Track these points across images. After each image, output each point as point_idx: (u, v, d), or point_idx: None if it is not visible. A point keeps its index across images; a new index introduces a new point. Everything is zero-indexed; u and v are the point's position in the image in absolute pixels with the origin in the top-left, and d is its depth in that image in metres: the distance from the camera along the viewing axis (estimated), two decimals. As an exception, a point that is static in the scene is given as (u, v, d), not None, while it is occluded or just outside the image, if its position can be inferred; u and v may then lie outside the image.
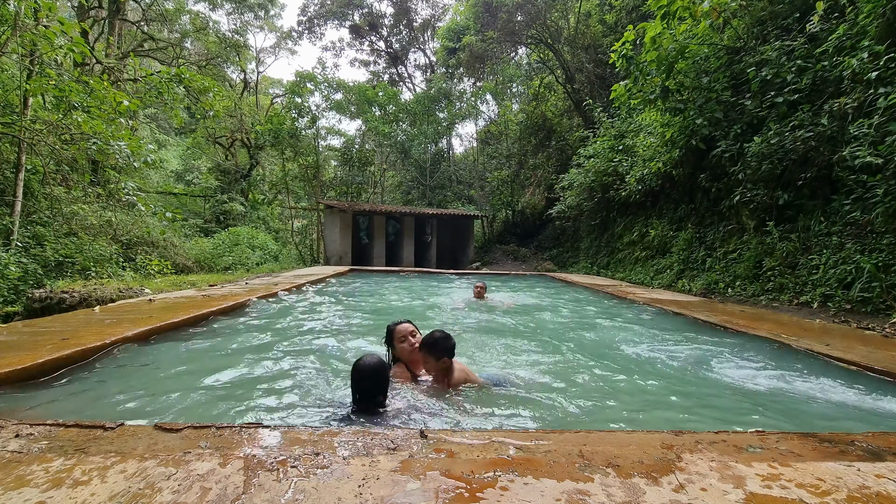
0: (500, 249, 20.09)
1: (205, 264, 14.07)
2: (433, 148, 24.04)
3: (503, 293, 8.08)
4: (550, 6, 17.83)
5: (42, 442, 1.65)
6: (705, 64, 8.59)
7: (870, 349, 3.74)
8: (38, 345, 3.10)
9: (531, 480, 1.42)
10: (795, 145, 6.72)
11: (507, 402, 2.66)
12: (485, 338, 4.57)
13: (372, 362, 2.34)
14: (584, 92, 17.13)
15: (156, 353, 3.46)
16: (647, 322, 5.61)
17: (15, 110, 8.40)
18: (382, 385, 2.35)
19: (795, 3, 7.91)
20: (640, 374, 3.41)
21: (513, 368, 3.46)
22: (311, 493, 1.32)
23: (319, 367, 3.35)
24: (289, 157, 21.55)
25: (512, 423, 2.41)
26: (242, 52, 25.59)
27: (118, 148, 7.77)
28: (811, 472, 1.54)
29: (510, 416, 2.49)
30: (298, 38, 31.63)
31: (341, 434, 1.78)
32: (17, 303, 6.62)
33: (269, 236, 20.07)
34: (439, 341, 2.67)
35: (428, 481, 1.40)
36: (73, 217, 9.78)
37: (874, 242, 5.67)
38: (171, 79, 9.92)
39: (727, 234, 8.54)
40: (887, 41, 5.76)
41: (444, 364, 2.67)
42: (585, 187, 13.94)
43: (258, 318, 5.15)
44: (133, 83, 15.08)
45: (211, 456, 1.55)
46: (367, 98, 21.68)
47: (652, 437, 1.81)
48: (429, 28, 31.53)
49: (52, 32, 7.41)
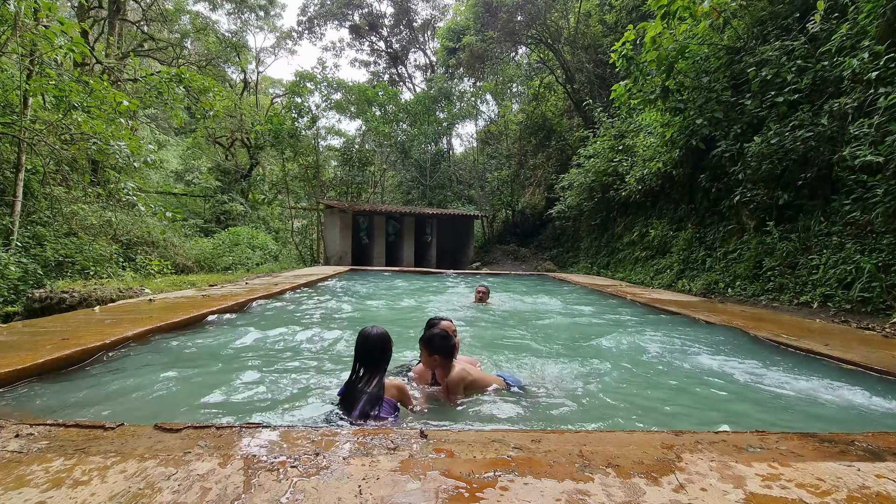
0: (500, 249, 20.08)
1: (205, 264, 14.05)
2: (433, 148, 24.02)
3: (503, 295, 8.04)
4: (550, 6, 17.83)
5: (42, 442, 1.65)
6: (705, 64, 8.59)
7: (870, 349, 3.74)
8: (38, 345, 3.10)
9: (531, 480, 1.42)
10: (795, 145, 6.72)
11: (508, 403, 2.66)
12: (489, 343, 4.57)
13: (380, 332, 2.41)
14: (584, 92, 17.13)
15: (156, 353, 3.46)
16: (646, 322, 5.61)
17: (15, 110, 8.39)
18: (387, 356, 2.41)
19: (795, 3, 7.91)
20: (641, 374, 3.41)
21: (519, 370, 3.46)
22: (311, 493, 1.32)
23: (319, 367, 3.35)
24: (289, 157, 21.54)
25: (512, 423, 2.41)
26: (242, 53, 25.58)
27: (118, 148, 7.76)
28: (811, 472, 1.53)
29: (510, 416, 2.48)
30: (298, 38, 31.63)
31: (341, 434, 1.78)
32: (17, 303, 6.61)
33: (269, 236, 20.05)
34: (434, 338, 2.65)
35: (428, 481, 1.40)
36: (73, 217, 9.78)
37: (874, 242, 5.67)
38: (171, 79, 9.92)
39: (727, 234, 8.54)
40: (887, 41, 5.76)
41: (435, 361, 2.65)
42: (585, 187, 13.94)
43: (258, 318, 5.15)
44: (133, 83, 15.08)
45: (211, 456, 1.55)
46: (367, 98, 21.67)
47: (652, 437, 1.81)
48: (429, 28, 31.52)
49: (52, 32, 7.41)
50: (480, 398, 2.66)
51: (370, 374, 2.32)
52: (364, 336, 2.39)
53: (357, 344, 2.39)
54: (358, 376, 2.33)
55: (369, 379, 2.31)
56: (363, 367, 2.34)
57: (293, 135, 20.26)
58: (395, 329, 4.48)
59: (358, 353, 2.37)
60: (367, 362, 2.34)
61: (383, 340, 2.39)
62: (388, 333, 2.45)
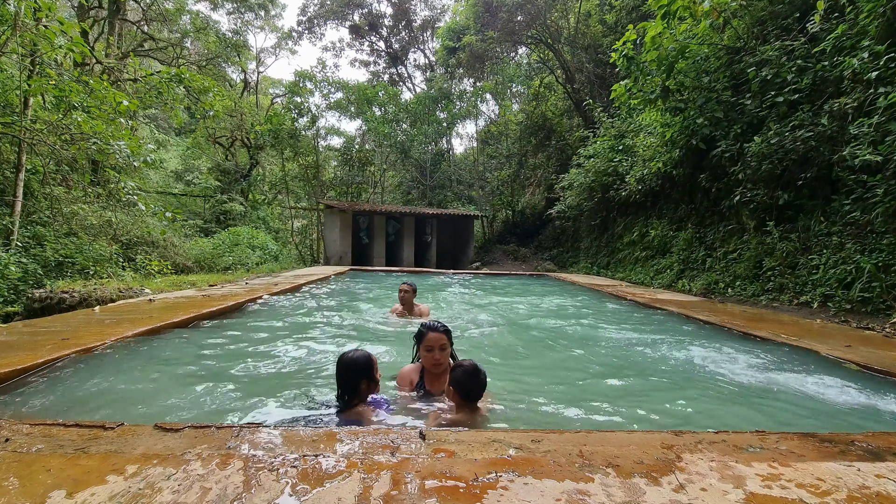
0: (500, 249, 20.09)
1: (205, 264, 14.05)
2: (433, 148, 24.02)
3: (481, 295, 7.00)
4: (550, 6, 17.82)
5: (42, 442, 1.65)
6: (705, 64, 8.59)
7: (870, 349, 3.74)
8: (38, 345, 3.10)
9: (531, 480, 1.42)
10: (795, 145, 6.72)
11: (507, 403, 2.66)
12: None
13: (355, 356, 2.34)
14: (584, 92, 17.12)
15: (156, 352, 3.45)
16: (647, 322, 5.61)
17: (15, 110, 8.38)
18: (352, 381, 2.32)
19: (795, 3, 7.90)
20: (641, 374, 3.41)
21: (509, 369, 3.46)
22: (310, 494, 1.32)
23: (320, 368, 3.35)
24: (289, 157, 21.54)
25: (512, 423, 2.41)
26: (242, 53, 25.58)
27: (118, 148, 7.76)
28: (811, 472, 1.53)
29: (510, 417, 2.48)
30: (298, 38, 31.63)
31: (341, 434, 1.78)
32: (17, 303, 6.61)
33: (269, 236, 20.04)
34: (457, 372, 2.33)
35: (428, 481, 1.40)
36: (73, 217, 9.77)
37: (874, 242, 5.67)
38: (171, 79, 9.92)
39: (727, 234, 8.54)
40: (887, 41, 5.76)
41: (451, 393, 2.34)
42: (585, 187, 13.94)
43: (258, 319, 5.15)
44: (133, 83, 15.07)
45: (211, 456, 1.55)
46: (367, 98, 21.66)
47: (652, 437, 1.81)
48: (429, 28, 31.51)
49: (52, 32, 7.41)
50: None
51: (348, 397, 2.32)
52: (339, 361, 2.37)
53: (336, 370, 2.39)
54: (343, 400, 2.33)
55: (348, 402, 2.30)
56: (341, 391, 2.34)
57: (293, 135, 20.25)
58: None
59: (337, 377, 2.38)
60: (340, 386, 2.34)
61: (344, 365, 2.33)
62: (360, 357, 2.34)
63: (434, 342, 2.58)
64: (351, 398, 2.30)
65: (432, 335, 2.59)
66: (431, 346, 2.58)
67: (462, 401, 2.31)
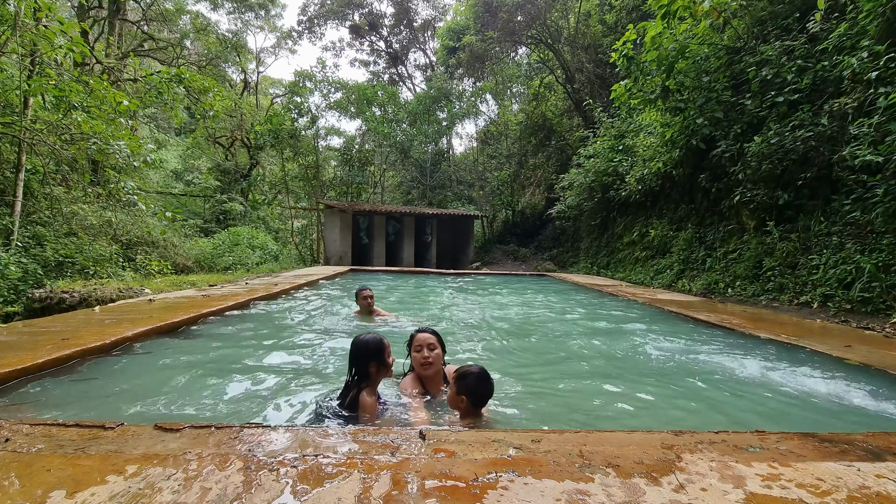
0: (500, 249, 20.09)
1: (205, 264, 14.06)
2: (433, 148, 24.02)
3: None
4: (550, 6, 17.83)
5: (42, 442, 1.65)
6: (705, 64, 8.59)
7: (870, 349, 3.74)
8: (38, 345, 3.10)
9: (531, 480, 1.42)
10: (795, 145, 6.72)
11: (507, 403, 2.66)
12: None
13: (367, 338, 2.41)
14: (584, 92, 17.12)
15: (155, 352, 3.45)
16: (646, 322, 5.61)
17: (15, 110, 8.39)
18: (362, 362, 2.38)
19: (795, 3, 7.91)
20: (640, 374, 3.41)
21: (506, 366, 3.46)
22: (310, 494, 1.32)
23: (320, 368, 3.35)
24: (289, 157, 21.54)
25: (512, 423, 2.41)
26: (242, 53, 25.58)
27: (118, 148, 7.77)
28: (811, 472, 1.53)
29: (510, 417, 2.48)
30: (298, 38, 31.65)
31: (341, 434, 1.78)
32: (17, 303, 6.62)
33: (269, 236, 20.05)
34: (468, 378, 2.26)
35: (428, 481, 1.40)
36: (73, 217, 9.78)
37: (874, 242, 5.67)
38: (171, 79, 9.92)
39: (727, 234, 8.54)
40: (887, 41, 5.76)
41: (462, 402, 2.28)
42: (585, 187, 13.94)
43: (258, 319, 5.15)
44: (133, 83, 15.08)
45: (211, 456, 1.55)
46: (367, 97, 21.66)
47: (652, 437, 1.81)
48: (429, 28, 31.53)
49: (52, 32, 7.42)
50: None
51: (358, 378, 2.37)
52: (353, 344, 2.43)
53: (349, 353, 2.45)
54: (353, 381, 2.38)
55: (358, 384, 2.35)
56: (352, 372, 2.40)
57: (293, 135, 20.25)
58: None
59: (350, 360, 2.43)
60: (351, 368, 2.40)
61: (356, 347, 2.40)
62: (371, 340, 2.41)
63: (422, 341, 2.66)
64: (360, 380, 2.35)
65: (420, 335, 2.69)
66: (420, 345, 2.65)
67: (473, 409, 2.29)
